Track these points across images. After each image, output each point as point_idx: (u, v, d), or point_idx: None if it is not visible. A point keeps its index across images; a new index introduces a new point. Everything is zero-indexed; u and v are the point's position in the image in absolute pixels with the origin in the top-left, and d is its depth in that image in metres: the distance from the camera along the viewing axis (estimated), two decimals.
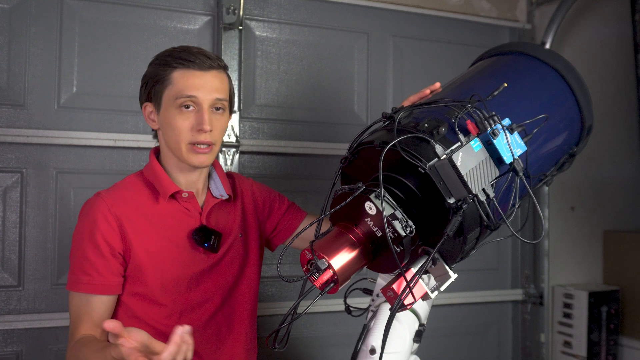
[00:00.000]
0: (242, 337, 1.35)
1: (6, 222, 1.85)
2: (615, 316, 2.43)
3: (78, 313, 1.18)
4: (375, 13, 2.31)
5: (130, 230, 1.21)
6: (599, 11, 2.60)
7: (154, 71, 1.24)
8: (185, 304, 1.26)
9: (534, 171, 1.02)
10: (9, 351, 1.84)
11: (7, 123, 1.84)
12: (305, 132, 2.20)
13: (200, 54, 1.22)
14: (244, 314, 1.35)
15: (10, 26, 1.86)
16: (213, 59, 1.22)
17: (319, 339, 2.22)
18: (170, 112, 1.21)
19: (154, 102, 1.25)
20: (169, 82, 1.21)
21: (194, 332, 1.21)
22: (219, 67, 1.23)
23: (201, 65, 1.20)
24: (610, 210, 2.62)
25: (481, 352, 2.54)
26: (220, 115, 1.23)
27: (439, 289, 0.92)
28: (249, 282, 1.36)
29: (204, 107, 1.19)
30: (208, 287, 1.28)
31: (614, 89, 2.59)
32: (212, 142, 1.21)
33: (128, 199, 1.24)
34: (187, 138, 1.20)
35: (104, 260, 1.18)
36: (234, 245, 1.33)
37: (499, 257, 2.54)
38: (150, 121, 1.28)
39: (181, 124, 1.19)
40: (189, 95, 1.18)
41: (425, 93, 1.11)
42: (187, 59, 1.20)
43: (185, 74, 1.19)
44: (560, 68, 1.08)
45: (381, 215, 0.83)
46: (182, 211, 1.27)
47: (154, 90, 1.24)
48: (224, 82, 1.24)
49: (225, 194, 1.32)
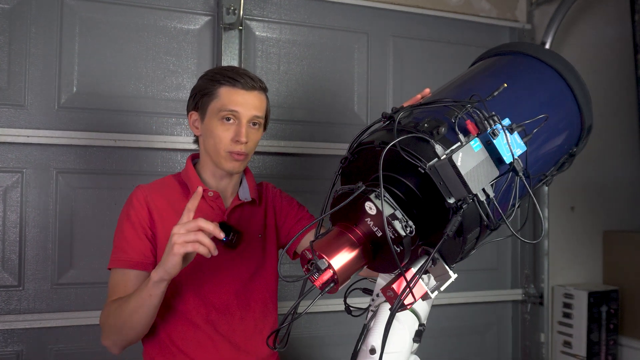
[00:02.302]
0: (252, 333, 1.41)
1: (6, 222, 1.85)
2: (615, 316, 2.43)
3: (115, 286, 1.31)
4: (375, 13, 2.31)
5: (157, 219, 1.34)
6: (599, 11, 2.60)
7: (204, 85, 1.38)
8: (199, 289, 1.36)
9: (534, 171, 1.01)
10: (9, 351, 1.84)
11: (7, 123, 1.84)
12: (305, 132, 2.20)
13: (245, 75, 1.37)
14: (256, 310, 1.43)
15: (10, 26, 1.86)
16: (256, 81, 1.37)
17: (319, 339, 2.22)
18: (213, 122, 1.35)
19: (200, 112, 1.39)
20: (215, 95, 1.35)
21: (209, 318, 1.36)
22: (260, 89, 1.38)
23: (245, 85, 1.35)
24: (610, 210, 2.62)
25: (481, 352, 2.54)
26: (256, 130, 1.38)
27: (439, 289, 0.92)
28: (264, 281, 1.45)
29: (243, 121, 1.34)
30: (222, 278, 1.39)
31: (614, 89, 2.59)
32: (246, 152, 1.36)
33: (161, 192, 1.39)
34: (226, 147, 1.34)
35: (140, 240, 1.32)
36: (251, 243, 1.43)
37: (499, 257, 2.54)
38: (193, 128, 1.42)
39: (222, 133, 1.34)
40: (231, 109, 1.33)
41: (417, 99, 1.12)
42: (234, 78, 1.35)
43: (231, 91, 1.35)
44: (560, 68, 1.08)
45: (381, 215, 0.83)
46: (208, 209, 1.40)
47: (201, 102, 1.39)
48: (263, 102, 1.39)
49: (249, 197, 1.45)
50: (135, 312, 1.21)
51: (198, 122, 1.40)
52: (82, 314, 1.90)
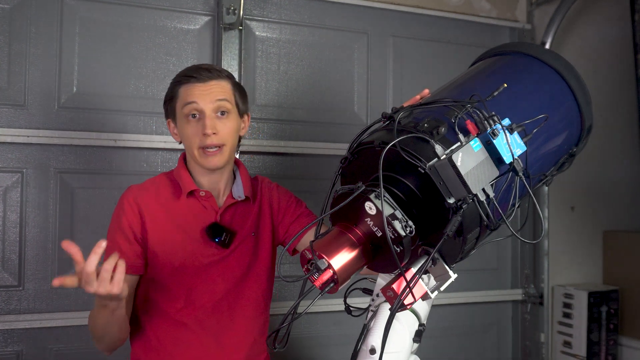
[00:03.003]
0: (242, 332, 1.39)
1: (6, 222, 1.85)
2: (615, 316, 2.43)
3: None
4: (375, 13, 2.31)
5: (148, 219, 1.33)
6: (599, 11, 2.60)
7: (168, 91, 1.39)
8: (190, 291, 1.35)
9: (534, 171, 1.01)
10: (9, 351, 1.84)
11: (7, 123, 1.84)
12: (305, 132, 2.20)
13: (201, 68, 1.35)
14: (247, 309, 1.40)
15: (10, 26, 1.86)
16: (212, 71, 1.34)
17: (319, 339, 2.22)
18: (181, 123, 1.35)
19: (171, 117, 1.39)
20: (177, 97, 1.35)
21: (198, 318, 1.34)
22: (219, 77, 1.35)
23: (200, 78, 1.32)
24: (610, 210, 2.62)
25: (481, 352, 2.54)
26: (225, 118, 1.34)
27: (439, 288, 0.92)
28: (257, 279, 1.42)
29: (206, 113, 1.31)
30: (214, 277, 1.36)
31: (614, 89, 2.59)
32: (219, 143, 1.32)
33: (152, 192, 1.37)
34: (197, 143, 1.32)
35: (129, 243, 1.32)
36: (245, 241, 1.41)
37: (499, 257, 2.54)
38: (174, 135, 1.41)
39: (190, 131, 1.32)
40: (190, 102, 1.31)
41: (416, 99, 1.12)
42: (188, 74, 1.34)
43: (188, 87, 1.33)
44: (560, 68, 1.08)
45: (381, 215, 0.83)
46: (201, 208, 1.37)
47: (169, 108, 1.39)
48: (225, 88, 1.35)
49: (243, 196, 1.42)
50: (106, 326, 1.22)
51: (174, 128, 1.39)
52: (82, 314, 1.89)
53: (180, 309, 1.34)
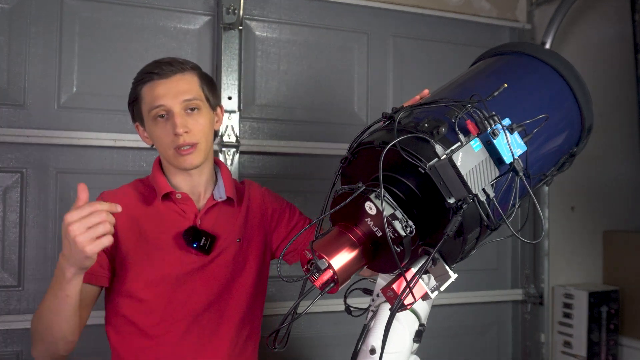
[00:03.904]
0: (225, 345, 1.30)
1: (6, 222, 1.85)
2: (615, 316, 2.43)
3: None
4: (375, 13, 2.31)
5: (119, 228, 1.22)
6: (599, 11, 2.60)
7: (131, 92, 1.30)
8: (169, 303, 1.26)
9: (534, 171, 1.01)
10: (9, 351, 1.84)
11: (7, 123, 1.84)
12: (305, 132, 2.20)
13: (163, 63, 1.25)
14: (231, 321, 1.31)
15: (10, 26, 1.86)
16: (175, 65, 1.25)
17: (319, 339, 2.22)
18: (149, 125, 1.26)
19: (139, 121, 1.31)
20: (140, 98, 1.26)
21: (176, 332, 1.25)
22: (182, 70, 1.26)
23: (162, 75, 1.24)
24: (610, 210, 2.62)
25: (481, 352, 2.54)
26: (196, 114, 1.25)
27: (439, 289, 0.92)
28: (243, 289, 1.33)
29: (174, 111, 1.22)
30: (195, 287, 1.28)
31: (614, 89, 2.59)
32: (193, 142, 1.23)
33: (120, 199, 1.24)
34: (169, 145, 1.24)
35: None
36: (229, 248, 1.32)
37: (499, 257, 2.54)
38: (144, 139, 1.33)
39: (160, 133, 1.24)
40: (157, 105, 1.23)
41: (416, 100, 1.12)
42: (149, 72, 1.25)
43: (151, 86, 1.24)
44: (560, 68, 1.08)
45: (381, 215, 0.83)
46: (178, 212, 1.29)
47: (135, 110, 1.30)
48: (191, 81, 1.26)
49: (224, 196, 1.33)
50: (56, 314, 1.12)
51: (144, 131, 1.31)
52: None
53: (157, 324, 1.25)
